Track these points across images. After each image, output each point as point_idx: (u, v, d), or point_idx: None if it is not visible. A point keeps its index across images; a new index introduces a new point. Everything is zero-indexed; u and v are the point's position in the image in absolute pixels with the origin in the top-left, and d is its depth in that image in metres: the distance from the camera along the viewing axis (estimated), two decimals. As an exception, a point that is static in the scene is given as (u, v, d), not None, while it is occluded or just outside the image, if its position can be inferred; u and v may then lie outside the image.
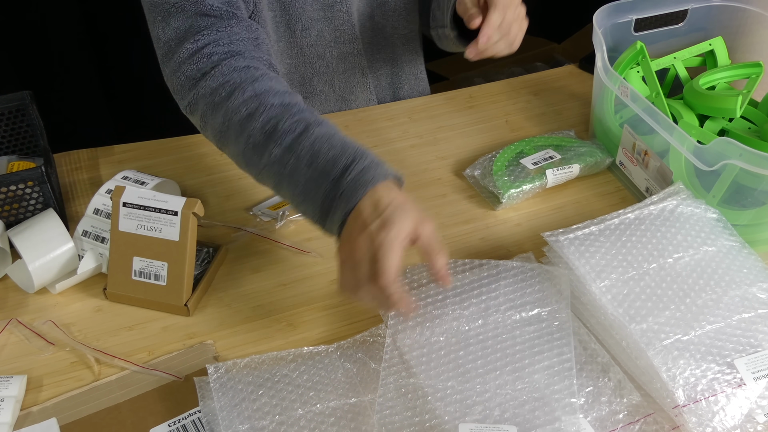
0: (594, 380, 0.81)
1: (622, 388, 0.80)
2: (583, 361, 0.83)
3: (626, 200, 1.11)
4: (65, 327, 0.92)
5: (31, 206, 1.00)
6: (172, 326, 0.92)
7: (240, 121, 0.87)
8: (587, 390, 0.80)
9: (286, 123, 0.85)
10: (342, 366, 0.85)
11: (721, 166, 0.91)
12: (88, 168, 1.17)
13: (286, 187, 0.85)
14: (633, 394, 0.79)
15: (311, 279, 0.99)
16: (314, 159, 0.82)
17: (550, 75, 1.41)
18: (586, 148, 1.15)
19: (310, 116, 0.87)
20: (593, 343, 0.84)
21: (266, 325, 0.92)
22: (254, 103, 0.87)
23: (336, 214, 0.80)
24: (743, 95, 1.02)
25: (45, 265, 0.92)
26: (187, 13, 0.93)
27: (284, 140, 0.84)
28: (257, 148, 0.86)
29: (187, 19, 0.93)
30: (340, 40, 1.20)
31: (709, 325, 0.81)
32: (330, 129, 0.85)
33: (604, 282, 0.85)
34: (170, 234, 0.90)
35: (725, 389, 0.76)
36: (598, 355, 0.83)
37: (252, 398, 0.80)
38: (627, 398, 0.79)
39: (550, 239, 0.91)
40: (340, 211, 0.80)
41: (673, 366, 0.77)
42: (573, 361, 0.80)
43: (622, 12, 1.16)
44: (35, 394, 0.84)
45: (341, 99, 1.29)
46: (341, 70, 1.24)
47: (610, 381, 0.80)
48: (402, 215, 0.76)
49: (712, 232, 0.91)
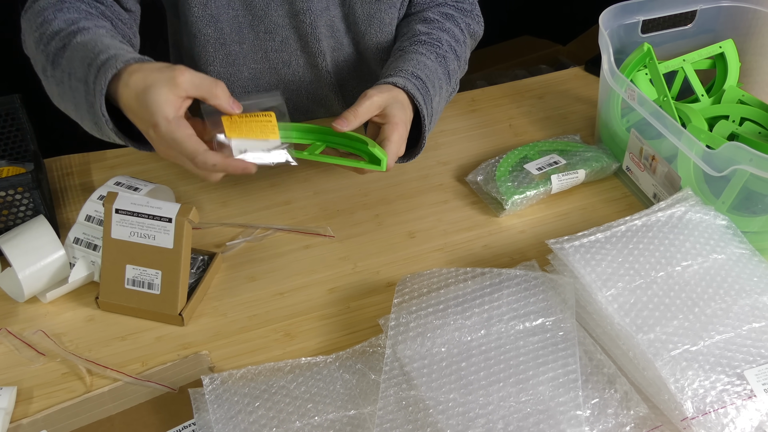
0: (600, 392, 0.79)
1: (628, 400, 0.78)
2: (589, 372, 0.81)
3: (633, 206, 1.10)
4: (56, 337, 0.91)
5: (21, 213, 1.00)
6: (166, 336, 0.92)
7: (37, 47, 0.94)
8: (593, 402, 0.78)
9: (54, 42, 0.91)
10: (341, 377, 0.84)
11: (731, 172, 0.91)
12: (79, 173, 1.17)
13: (71, 108, 0.91)
14: (640, 406, 0.78)
15: (308, 288, 0.98)
16: (72, 69, 0.87)
17: (554, 78, 1.41)
18: (592, 153, 1.14)
19: (77, 26, 0.92)
20: (599, 354, 0.83)
21: (263, 335, 0.92)
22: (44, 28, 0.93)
23: (102, 118, 0.85)
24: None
25: (35, 273, 0.92)
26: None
27: (56, 60, 0.90)
28: (45, 78, 0.93)
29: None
30: (306, 50, 1.17)
31: (718, 335, 0.80)
32: (90, 35, 0.90)
33: (611, 291, 0.85)
34: (164, 241, 0.90)
35: (735, 401, 0.75)
36: (604, 365, 0.82)
37: (248, 410, 0.79)
38: (634, 410, 0.78)
39: (555, 247, 0.90)
40: (102, 114, 0.84)
41: (682, 377, 0.76)
42: (578, 373, 0.79)
43: (629, 13, 1.15)
44: (25, 406, 0.84)
45: (307, 113, 1.26)
46: (308, 81, 1.21)
47: (617, 392, 0.79)
48: (156, 99, 0.80)
49: (722, 239, 0.90)
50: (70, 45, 0.89)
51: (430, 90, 1.00)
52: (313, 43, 1.15)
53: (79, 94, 0.87)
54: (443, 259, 1.01)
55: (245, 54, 1.15)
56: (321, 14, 1.12)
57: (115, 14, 1.01)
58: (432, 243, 1.04)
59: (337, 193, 1.12)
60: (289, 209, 1.09)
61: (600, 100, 1.17)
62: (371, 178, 1.14)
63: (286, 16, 1.12)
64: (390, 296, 0.93)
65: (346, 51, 1.19)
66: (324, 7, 1.11)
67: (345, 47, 1.19)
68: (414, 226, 1.06)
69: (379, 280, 0.98)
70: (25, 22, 0.98)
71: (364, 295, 0.96)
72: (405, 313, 0.86)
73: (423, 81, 1.00)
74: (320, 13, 1.12)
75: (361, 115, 0.90)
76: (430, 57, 1.05)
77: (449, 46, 1.10)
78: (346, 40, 1.18)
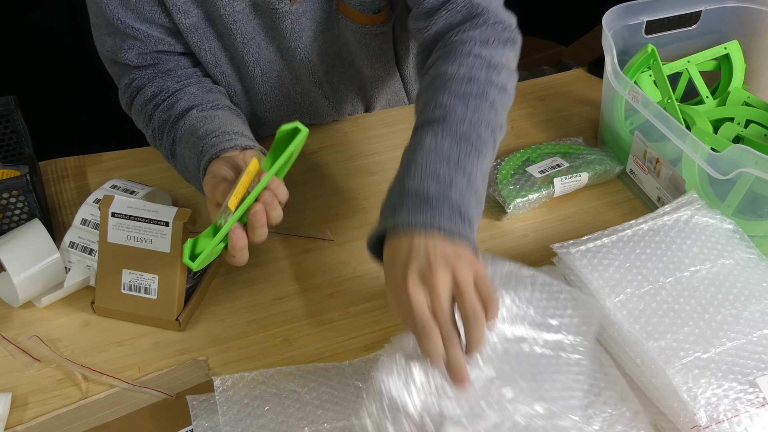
0: (612, 407, 0.79)
1: (639, 421, 0.78)
2: (602, 386, 0.81)
3: (637, 210, 1.09)
4: (51, 342, 0.91)
5: (16, 216, 0.99)
6: (162, 342, 0.91)
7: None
8: (603, 416, 0.78)
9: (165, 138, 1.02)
10: (353, 384, 0.83)
11: (736, 175, 0.90)
12: (75, 176, 1.16)
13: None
14: (648, 430, 0.78)
15: (308, 292, 0.97)
16: (185, 166, 0.98)
17: (557, 79, 1.40)
18: (595, 155, 1.13)
19: (177, 110, 1.00)
20: (612, 369, 0.83)
21: (261, 340, 0.91)
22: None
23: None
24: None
25: (30, 277, 0.91)
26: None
27: (173, 138, 0.99)
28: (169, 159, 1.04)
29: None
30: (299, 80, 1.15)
31: (729, 341, 0.80)
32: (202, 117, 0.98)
33: (619, 297, 0.84)
34: (161, 245, 0.89)
35: (748, 409, 0.75)
36: (616, 382, 0.81)
37: (257, 413, 0.79)
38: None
39: (561, 252, 0.90)
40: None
41: (694, 385, 0.76)
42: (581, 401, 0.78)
43: (633, 14, 1.15)
44: (20, 413, 0.83)
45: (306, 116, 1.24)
46: (299, 91, 1.18)
47: (628, 411, 0.79)
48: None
49: (729, 243, 0.90)
50: (176, 141, 1.00)
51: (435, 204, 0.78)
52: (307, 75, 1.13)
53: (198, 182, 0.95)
54: (445, 263, 1.00)
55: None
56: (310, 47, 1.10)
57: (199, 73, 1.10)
58: (433, 247, 1.02)
59: (336, 197, 1.11)
60: (288, 212, 1.06)
61: (603, 102, 1.17)
62: (372, 181, 1.13)
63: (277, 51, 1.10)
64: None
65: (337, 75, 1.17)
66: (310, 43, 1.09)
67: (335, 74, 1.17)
68: (415, 229, 1.05)
69: (380, 284, 0.98)
70: (136, 118, 1.08)
71: (364, 300, 0.96)
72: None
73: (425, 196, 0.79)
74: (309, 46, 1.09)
75: None
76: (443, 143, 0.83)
77: (474, 106, 0.86)
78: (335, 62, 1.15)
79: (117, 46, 1.02)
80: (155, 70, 1.05)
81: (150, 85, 1.04)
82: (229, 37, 1.04)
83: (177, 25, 1.01)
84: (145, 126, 1.05)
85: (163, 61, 1.05)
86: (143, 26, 1.00)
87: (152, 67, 1.05)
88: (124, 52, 1.02)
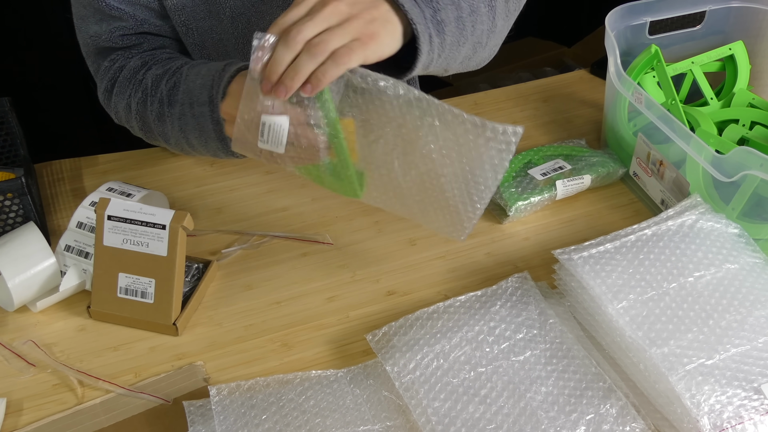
0: (595, 407, 0.78)
1: (624, 416, 0.78)
2: (584, 387, 0.81)
3: (640, 213, 1.09)
4: (47, 347, 0.91)
5: (11, 219, 0.99)
6: (159, 346, 0.91)
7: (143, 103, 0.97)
8: (587, 418, 0.77)
9: (162, 87, 0.94)
10: (351, 392, 0.83)
11: (741, 177, 0.90)
12: (70, 179, 1.16)
13: (196, 135, 0.92)
14: (637, 422, 0.77)
15: (306, 296, 0.97)
16: (193, 98, 0.90)
17: (559, 80, 1.40)
18: (598, 157, 1.13)
19: (173, 67, 0.95)
20: (593, 368, 0.82)
21: (259, 345, 0.91)
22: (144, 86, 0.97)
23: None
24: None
25: (25, 281, 0.91)
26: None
27: (171, 99, 0.93)
28: (162, 123, 0.96)
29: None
30: None
31: (734, 348, 0.79)
32: (191, 68, 0.93)
33: (622, 303, 0.84)
34: (158, 249, 0.89)
35: (753, 416, 0.74)
36: (599, 380, 0.81)
37: (255, 422, 0.78)
38: (630, 426, 0.77)
39: (563, 258, 0.89)
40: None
41: (698, 392, 0.75)
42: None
43: (636, 14, 1.15)
44: (15, 419, 0.83)
45: None
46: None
47: (612, 408, 0.78)
48: None
49: (734, 248, 0.89)
50: (180, 82, 0.94)
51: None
52: None
53: (204, 118, 0.90)
54: (444, 267, 1.00)
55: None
56: None
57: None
58: (433, 250, 1.02)
59: (335, 200, 1.10)
60: (286, 216, 1.08)
61: (606, 103, 1.17)
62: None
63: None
64: (390, 305, 0.93)
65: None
66: None
67: None
68: (415, 233, 1.05)
69: (379, 288, 0.97)
70: (117, 98, 1.01)
71: (364, 304, 0.95)
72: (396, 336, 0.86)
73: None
74: None
75: None
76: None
77: None
78: None
79: (101, 30, 1.01)
80: (139, 50, 1.03)
81: (137, 58, 1.02)
82: (217, 15, 1.03)
83: (163, 3, 1.00)
84: (130, 97, 0.99)
85: (148, 41, 1.04)
86: (128, 7, 0.99)
87: (136, 47, 1.03)
88: (108, 35, 1.01)
